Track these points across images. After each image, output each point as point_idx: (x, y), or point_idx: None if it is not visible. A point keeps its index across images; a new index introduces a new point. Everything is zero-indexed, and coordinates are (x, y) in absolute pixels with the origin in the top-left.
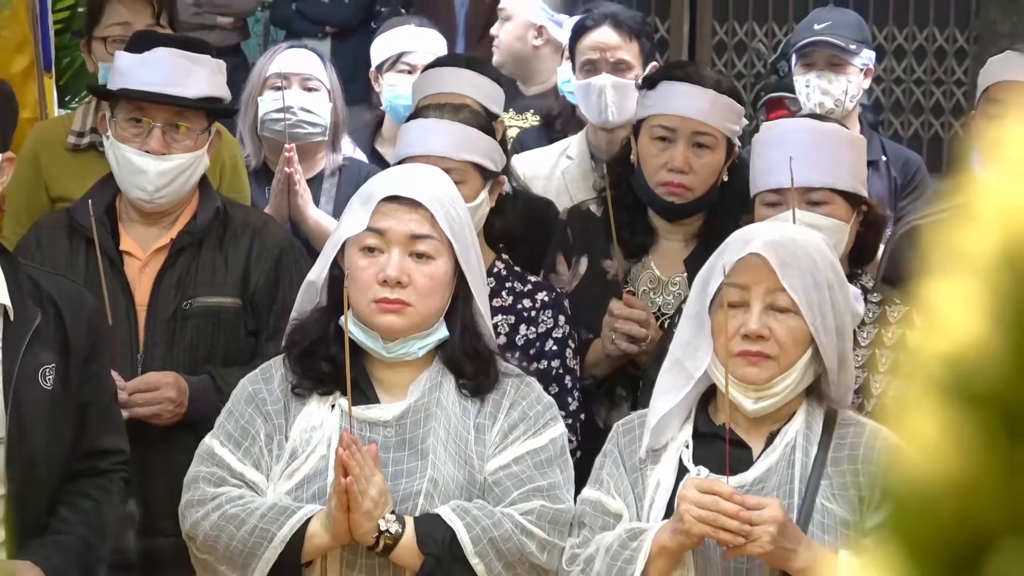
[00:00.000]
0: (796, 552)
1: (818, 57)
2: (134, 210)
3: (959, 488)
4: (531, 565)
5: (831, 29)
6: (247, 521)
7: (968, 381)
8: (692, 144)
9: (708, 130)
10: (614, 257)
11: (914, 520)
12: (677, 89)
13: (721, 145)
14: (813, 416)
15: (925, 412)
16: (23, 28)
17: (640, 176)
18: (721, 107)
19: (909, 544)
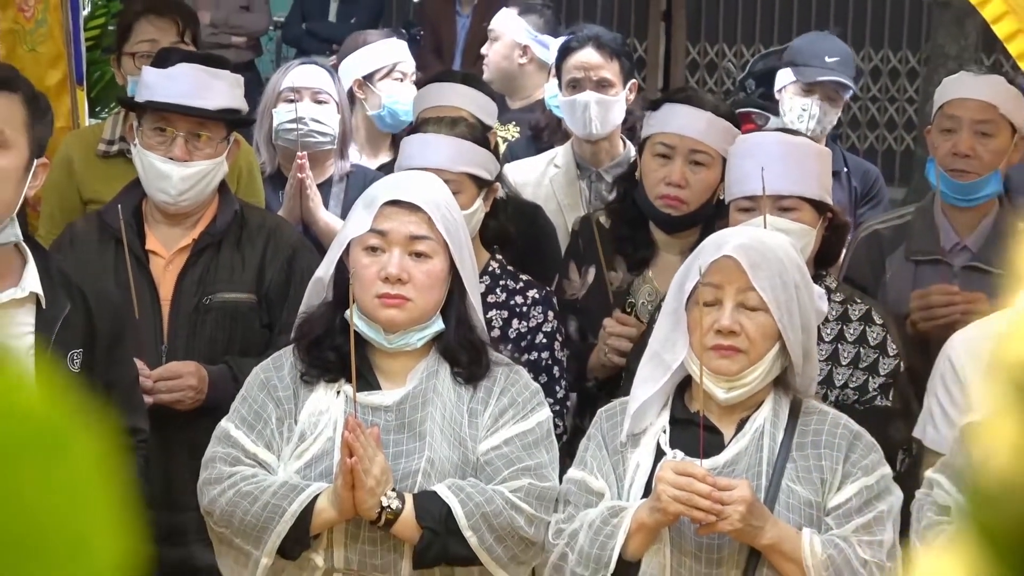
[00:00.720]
0: (763, 529)
1: (823, 89)
2: (159, 212)
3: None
4: (520, 538)
5: (840, 65)
6: (260, 498)
7: None
8: (689, 161)
9: (704, 148)
10: (616, 269)
11: (994, 512)
12: (678, 110)
13: (717, 164)
14: (780, 405)
15: (1008, 413)
16: (57, 45)
17: (642, 189)
18: (718, 129)
19: (988, 534)
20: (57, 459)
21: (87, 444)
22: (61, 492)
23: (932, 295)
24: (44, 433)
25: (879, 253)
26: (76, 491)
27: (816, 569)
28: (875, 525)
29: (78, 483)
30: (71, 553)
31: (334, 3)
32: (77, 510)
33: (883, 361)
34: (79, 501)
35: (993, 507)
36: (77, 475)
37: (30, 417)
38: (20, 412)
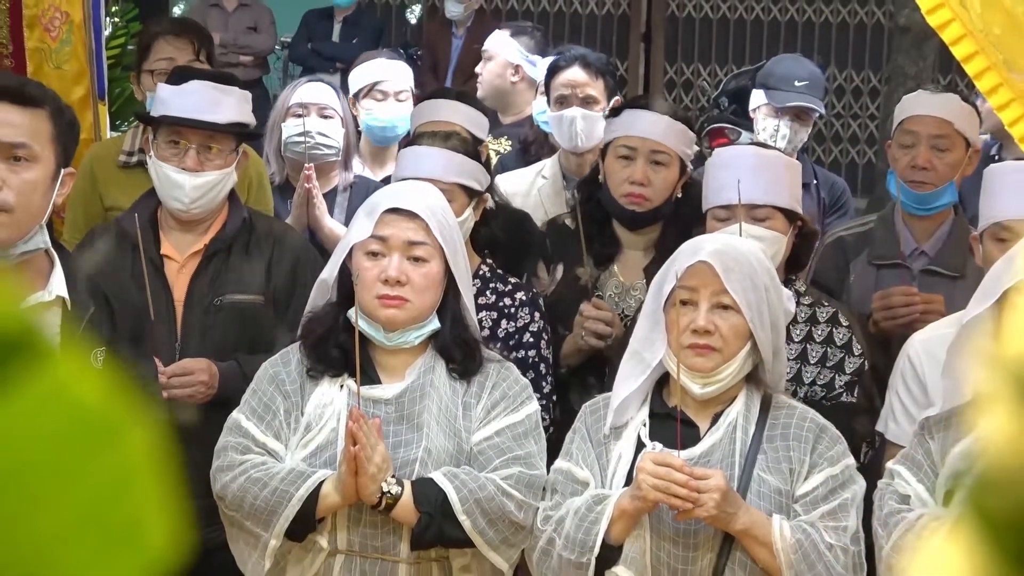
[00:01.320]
0: (736, 516)
1: (792, 111)
2: (173, 219)
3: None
4: (510, 522)
5: (810, 89)
6: (269, 483)
7: None
8: (650, 161)
9: (664, 149)
10: (586, 265)
11: (992, 498)
12: (639, 115)
13: (675, 163)
14: (752, 400)
15: (1004, 404)
16: (80, 63)
17: (606, 190)
18: (675, 131)
19: (987, 518)
20: (112, 446)
21: (137, 432)
22: (117, 477)
23: (893, 296)
24: (99, 421)
25: (843, 258)
26: (130, 476)
27: (785, 552)
28: (840, 512)
29: (131, 468)
30: (127, 536)
31: (337, 24)
32: (131, 494)
33: (849, 360)
34: (133, 485)
35: (992, 494)
36: (130, 461)
37: (87, 406)
38: (78, 401)
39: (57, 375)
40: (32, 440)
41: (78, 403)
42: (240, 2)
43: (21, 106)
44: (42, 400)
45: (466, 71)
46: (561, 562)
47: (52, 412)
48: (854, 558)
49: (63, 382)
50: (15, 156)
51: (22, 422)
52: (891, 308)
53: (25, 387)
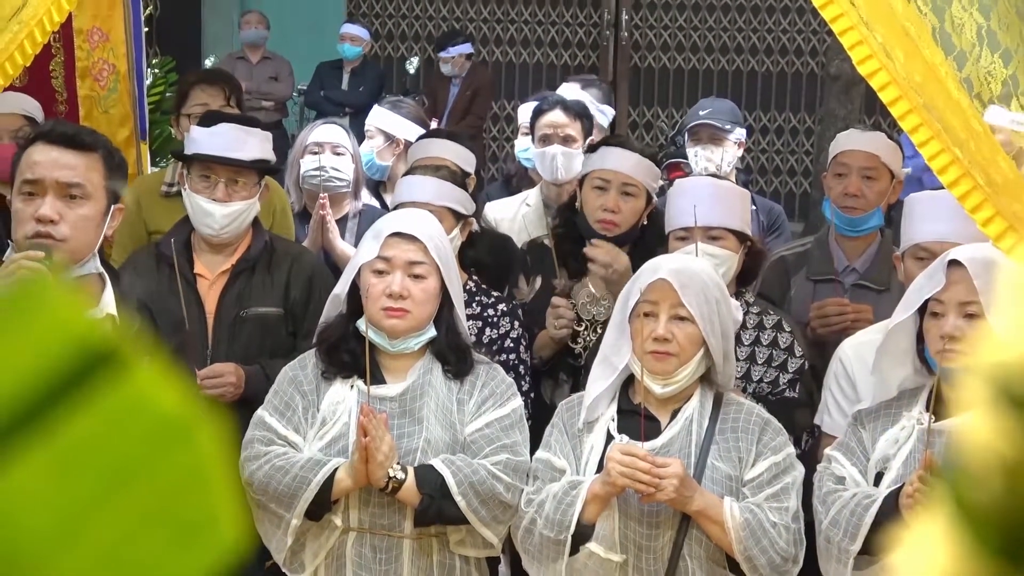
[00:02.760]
0: (692, 498)
1: (703, 134)
2: (204, 242)
3: (1006, 470)
4: (499, 502)
5: (712, 115)
6: (290, 471)
7: (1013, 389)
8: (621, 192)
9: (634, 182)
10: (559, 276)
11: (973, 494)
12: (613, 152)
13: (642, 195)
14: (705, 397)
15: (983, 407)
16: (125, 108)
17: (583, 216)
18: (644, 167)
19: (968, 513)
20: (186, 446)
21: (206, 433)
22: (191, 474)
23: (828, 307)
24: (173, 424)
25: (785, 274)
26: (202, 473)
27: (735, 530)
28: (782, 494)
29: (203, 467)
30: (202, 527)
31: (345, 75)
32: (204, 490)
33: (791, 361)
34: (205, 482)
35: (973, 491)
36: (202, 460)
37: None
38: (155, 406)
39: (136, 383)
40: (115, 441)
41: (155, 408)
42: (263, 55)
43: (76, 150)
44: (123, 405)
45: (460, 113)
46: (542, 539)
47: (132, 416)
48: (795, 534)
49: (141, 389)
50: (71, 195)
51: (107, 426)
52: (826, 317)
53: (108, 394)
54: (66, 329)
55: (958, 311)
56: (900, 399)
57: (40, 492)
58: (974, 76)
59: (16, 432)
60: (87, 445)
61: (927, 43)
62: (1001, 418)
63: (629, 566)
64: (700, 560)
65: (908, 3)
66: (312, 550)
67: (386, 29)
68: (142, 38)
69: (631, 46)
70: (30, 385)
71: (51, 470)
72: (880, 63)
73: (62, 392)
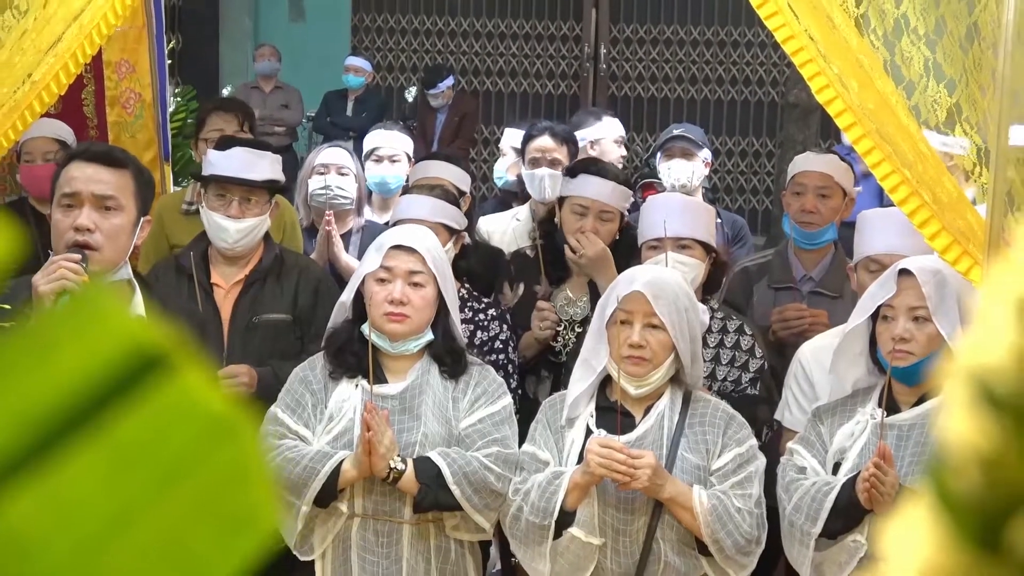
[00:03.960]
0: (664, 486)
1: (675, 150)
2: (220, 255)
3: (985, 464)
4: (490, 490)
5: (685, 131)
6: (300, 462)
7: (991, 389)
8: (598, 218)
9: (610, 209)
10: (541, 284)
11: (954, 485)
12: (591, 179)
13: (617, 218)
14: (675, 395)
15: (964, 406)
16: (150, 133)
17: (562, 233)
18: (619, 193)
19: (949, 503)
20: (231, 441)
21: (249, 430)
22: (236, 468)
23: (787, 312)
24: (219, 421)
25: (748, 283)
26: (246, 467)
27: (704, 515)
28: (746, 482)
29: (247, 461)
30: (247, 517)
31: (350, 102)
32: (248, 482)
33: (752, 362)
34: (249, 475)
35: (953, 482)
36: (246, 454)
37: (209, 408)
38: (202, 405)
39: (184, 385)
40: (166, 439)
41: (202, 407)
42: (275, 85)
43: (109, 167)
44: (173, 405)
45: (448, 138)
46: (528, 525)
47: (182, 415)
48: (757, 519)
49: (190, 390)
50: (105, 206)
51: (158, 424)
52: (786, 321)
53: (160, 395)
54: (122, 335)
55: (907, 315)
56: (855, 396)
57: (96, 485)
58: (922, 104)
59: (75, 430)
60: (140, 442)
61: (879, 74)
62: (980, 417)
63: (607, 548)
64: (672, 543)
65: (862, 38)
66: (320, 534)
67: (387, 61)
68: (165, 69)
69: (609, 77)
70: (88, 386)
71: (106, 465)
72: (836, 92)
73: (117, 393)
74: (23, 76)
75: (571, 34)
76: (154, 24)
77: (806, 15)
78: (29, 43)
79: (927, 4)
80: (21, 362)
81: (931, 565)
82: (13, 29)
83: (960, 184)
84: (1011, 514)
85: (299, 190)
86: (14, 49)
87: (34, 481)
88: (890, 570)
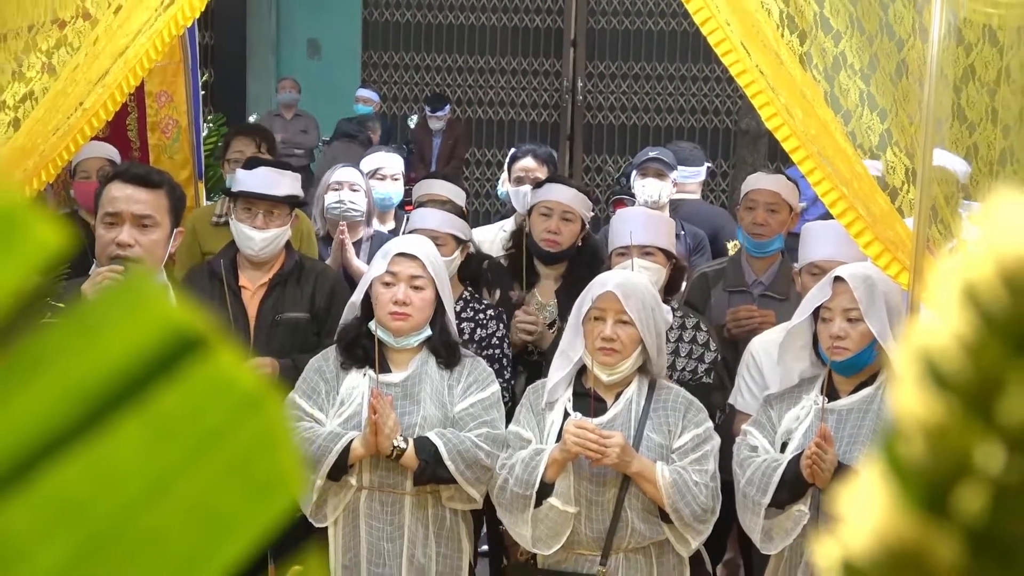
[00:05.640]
0: (631, 462)
1: (650, 170)
2: (247, 261)
3: (931, 436)
4: (481, 466)
5: (660, 154)
6: (315, 441)
7: (937, 369)
8: (562, 218)
9: (571, 210)
10: (515, 288)
11: (900, 450)
12: (555, 187)
13: (578, 221)
14: (642, 383)
15: (911, 382)
16: (185, 154)
17: (531, 238)
18: (579, 199)
19: (897, 468)
20: (259, 412)
21: (276, 402)
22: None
23: (740, 312)
24: (249, 394)
25: (706, 286)
26: (273, 435)
27: (665, 487)
28: (703, 459)
29: (274, 432)
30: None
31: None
32: (276, 450)
33: (707, 354)
34: (276, 443)
35: (903, 448)
36: (273, 427)
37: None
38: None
39: (218, 364)
40: (201, 412)
41: (234, 384)
42: (295, 113)
43: (146, 188)
44: (208, 382)
45: (444, 160)
46: (513, 495)
47: (215, 391)
48: (713, 491)
49: (223, 368)
50: (143, 223)
51: (194, 399)
52: (739, 320)
53: (196, 373)
54: (162, 319)
55: (842, 316)
56: (800, 385)
57: (139, 453)
58: (857, 130)
59: (120, 404)
60: (178, 415)
61: (820, 104)
62: (927, 393)
63: (581, 516)
64: (638, 511)
65: (805, 72)
66: (332, 504)
67: (392, 93)
68: (199, 99)
69: (584, 107)
70: (132, 365)
71: (148, 435)
72: (783, 120)
73: (158, 371)
74: (75, 104)
75: (552, 70)
76: (189, 59)
77: (757, 52)
78: (81, 76)
79: (862, 43)
80: (72, 343)
81: (884, 526)
82: (67, 64)
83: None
84: (955, 481)
85: (316, 204)
86: (68, 81)
87: (84, 449)
88: (847, 529)
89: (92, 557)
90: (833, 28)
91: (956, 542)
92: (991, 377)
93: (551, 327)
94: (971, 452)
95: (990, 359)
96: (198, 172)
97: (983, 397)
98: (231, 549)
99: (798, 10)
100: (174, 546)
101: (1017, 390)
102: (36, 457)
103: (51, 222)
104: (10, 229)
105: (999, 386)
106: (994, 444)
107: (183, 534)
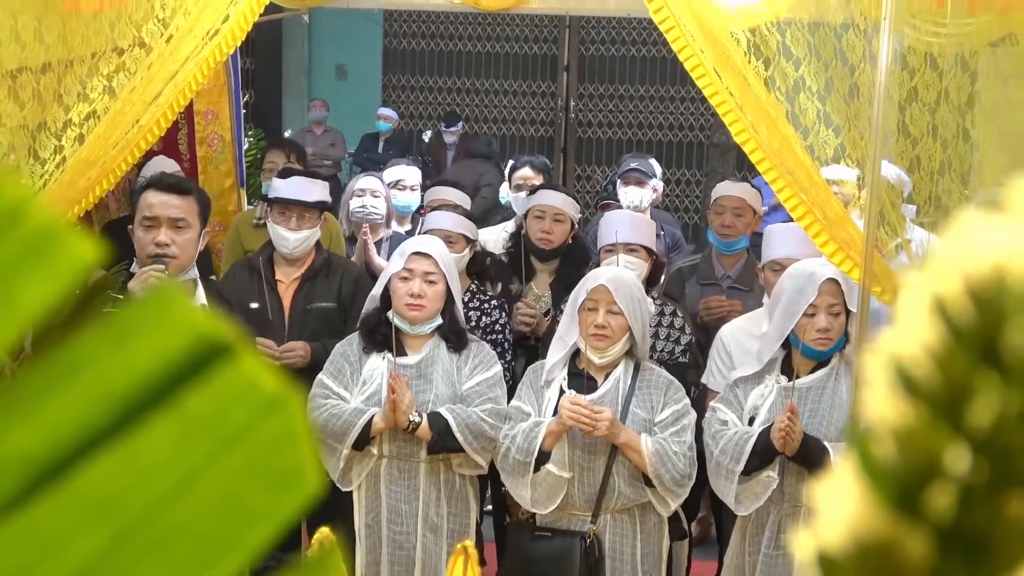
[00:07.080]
0: (619, 434)
1: (631, 179)
2: (282, 258)
3: (901, 439)
4: (486, 437)
5: (640, 165)
6: (341, 416)
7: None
8: (554, 219)
9: (562, 212)
10: (514, 283)
11: (872, 452)
12: (548, 193)
13: (568, 222)
14: (629, 365)
15: (882, 387)
16: (229, 164)
17: (528, 237)
18: (569, 203)
19: (870, 468)
20: (281, 410)
21: (296, 400)
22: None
23: (711, 302)
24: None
25: (682, 280)
26: (294, 431)
27: (649, 456)
28: (681, 432)
29: (295, 430)
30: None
31: (381, 142)
32: (296, 445)
33: (683, 337)
34: (297, 438)
35: (873, 448)
36: (294, 425)
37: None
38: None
39: (243, 367)
40: (226, 412)
41: (258, 385)
42: (324, 129)
43: (179, 195)
44: (233, 384)
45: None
46: (515, 462)
47: (240, 393)
48: (689, 460)
49: (247, 372)
50: (177, 226)
51: (219, 400)
52: (710, 309)
53: (222, 376)
54: (190, 326)
55: (827, 312)
56: (762, 368)
57: (167, 451)
58: (815, 144)
59: (149, 406)
60: (204, 415)
61: (782, 121)
62: (897, 398)
63: (575, 480)
64: (624, 477)
65: (769, 93)
66: (357, 471)
67: (409, 111)
68: (241, 117)
69: (576, 124)
70: (161, 369)
71: (176, 435)
72: (750, 135)
73: (186, 375)
74: (132, 122)
75: (548, 91)
76: (232, 82)
77: (727, 76)
78: (137, 97)
79: (818, 68)
80: (106, 349)
81: (857, 521)
82: (125, 86)
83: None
84: (924, 482)
85: (342, 208)
86: (126, 101)
87: (116, 448)
88: (823, 524)
89: (123, 549)
90: (793, 55)
91: (925, 538)
92: (958, 384)
93: (546, 315)
94: (940, 454)
95: (957, 368)
96: (240, 180)
97: (951, 403)
98: (253, 540)
99: (763, 39)
100: (200, 538)
101: (983, 397)
102: (72, 456)
103: (87, 238)
104: (49, 245)
105: (966, 393)
106: (961, 447)
107: (208, 527)
